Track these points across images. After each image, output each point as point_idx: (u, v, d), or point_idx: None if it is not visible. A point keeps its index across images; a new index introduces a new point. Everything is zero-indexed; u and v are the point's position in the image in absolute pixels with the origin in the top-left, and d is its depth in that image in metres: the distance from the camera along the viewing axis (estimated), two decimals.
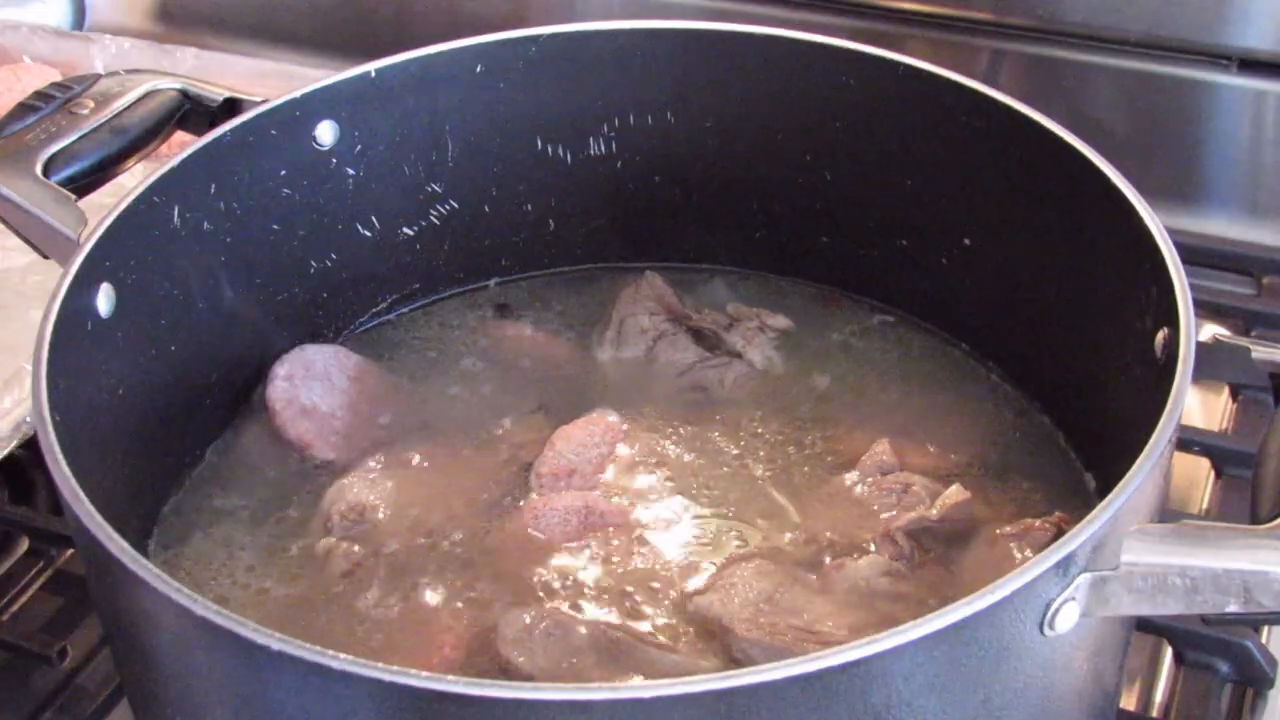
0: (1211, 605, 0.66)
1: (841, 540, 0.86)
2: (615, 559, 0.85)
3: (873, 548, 0.85)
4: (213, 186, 0.91)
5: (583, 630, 0.80)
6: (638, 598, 0.83)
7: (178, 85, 0.98)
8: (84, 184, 0.92)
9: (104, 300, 0.83)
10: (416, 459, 0.93)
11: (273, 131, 0.94)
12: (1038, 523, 0.83)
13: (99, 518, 0.67)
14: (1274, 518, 0.70)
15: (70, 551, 1.01)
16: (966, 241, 0.98)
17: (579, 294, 1.07)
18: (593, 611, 0.82)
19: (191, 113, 0.98)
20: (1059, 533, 0.65)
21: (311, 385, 0.96)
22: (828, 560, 0.84)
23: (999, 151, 0.93)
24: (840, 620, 0.80)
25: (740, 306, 1.03)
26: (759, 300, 1.05)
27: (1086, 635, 0.69)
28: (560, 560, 0.85)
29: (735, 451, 0.94)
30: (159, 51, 1.41)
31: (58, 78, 1.31)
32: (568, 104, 1.02)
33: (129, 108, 0.96)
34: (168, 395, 0.91)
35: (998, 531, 0.84)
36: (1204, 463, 1.04)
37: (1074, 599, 0.65)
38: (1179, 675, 0.90)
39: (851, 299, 1.05)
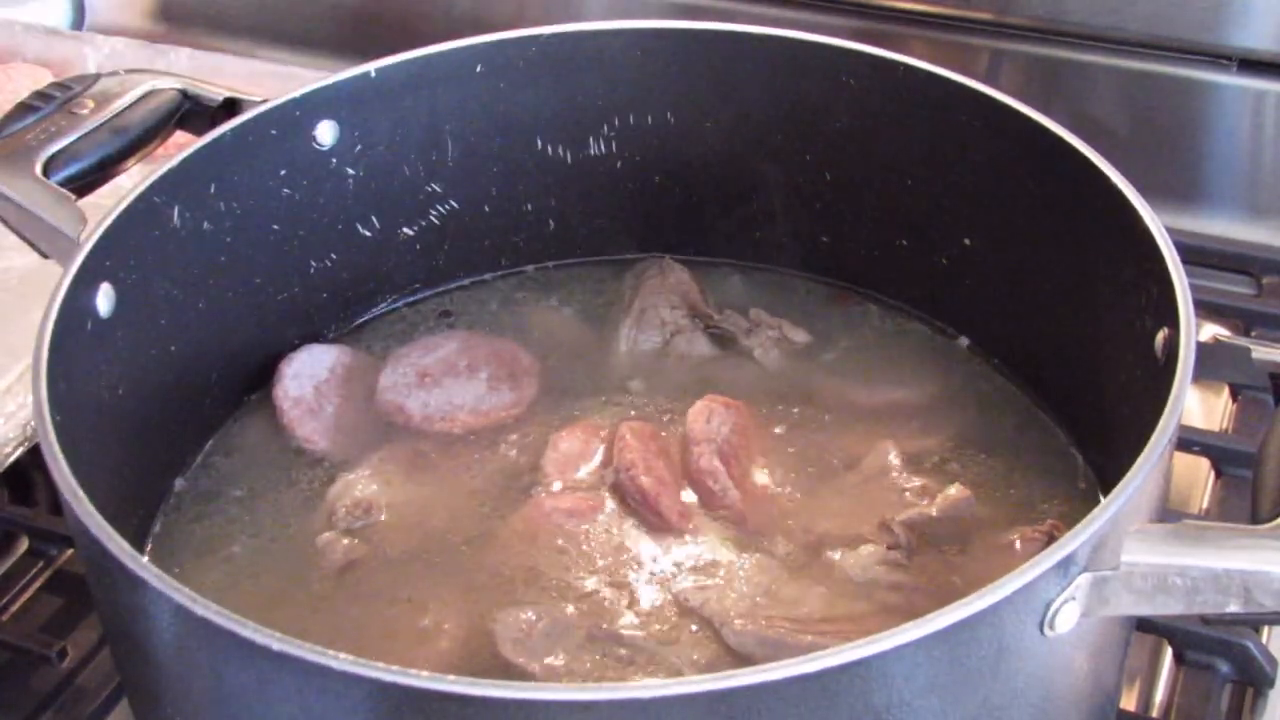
0: (1211, 605, 0.66)
1: (842, 536, 0.86)
2: (616, 557, 0.85)
3: (870, 539, 0.85)
4: (213, 186, 0.91)
5: (583, 629, 0.80)
6: (638, 596, 0.83)
7: (177, 85, 0.99)
8: (84, 184, 0.92)
9: (104, 300, 0.83)
10: (419, 457, 0.93)
11: (273, 131, 0.94)
12: (1030, 530, 0.84)
13: (99, 518, 0.67)
14: (1274, 518, 0.70)
15: (70, 551, 1.00)
16: (966, 241, 0.99)
17: (585, 281, 1.08)
18: (593, 610, 0.82)
19: (191, 113, 0.99)
20: (1051, 540, 0.65)
21: (318, 384, 0.97)
22: (826, 554, 0.84)
23: (999, 151, 0.93)
24: (838, 611, 0.80)
25: (763, 314, 1.02)
26: (762, 295, 1.05)
27: (1086, 635, 0.69)
28: (562, 559, 0.85)
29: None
30: (153, 52, 1.40)
31: (50, 77, 1.31)
32: (568, 104, 1.02)
33: (129, 108, 0.96)
34: (168, 395, 0.91)
35: (994, 541, 0.84)
36: (1204, 463, 1.03)
37: (1074, 599, 0.65)
38: (1179, 675, 0.90)
39: (853, 294, 1.05)
